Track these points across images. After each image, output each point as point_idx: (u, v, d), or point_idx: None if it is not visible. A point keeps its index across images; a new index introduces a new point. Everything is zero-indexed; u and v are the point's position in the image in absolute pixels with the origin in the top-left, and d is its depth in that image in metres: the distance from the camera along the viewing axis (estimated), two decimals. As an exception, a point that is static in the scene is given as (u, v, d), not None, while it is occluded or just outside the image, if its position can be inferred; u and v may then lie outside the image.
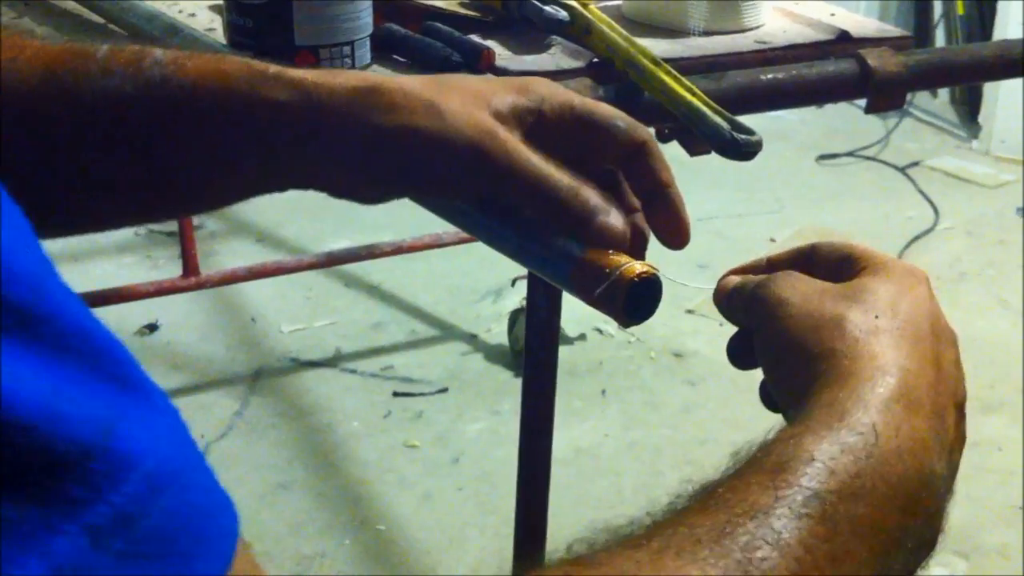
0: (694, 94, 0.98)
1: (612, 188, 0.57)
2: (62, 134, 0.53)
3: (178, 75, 0.52)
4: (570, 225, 0.53)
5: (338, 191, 0.54)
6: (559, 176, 0.52)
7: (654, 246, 0.58)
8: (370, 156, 0.52)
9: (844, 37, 1.20)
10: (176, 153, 0.53)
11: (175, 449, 0.29)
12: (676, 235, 0.56)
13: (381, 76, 0.53)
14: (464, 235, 0.86)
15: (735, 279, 0.58)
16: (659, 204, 0.56)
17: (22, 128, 0.52)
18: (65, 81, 0.52)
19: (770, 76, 1.10)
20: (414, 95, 0.52)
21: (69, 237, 0.58)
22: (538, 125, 0.54)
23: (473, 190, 0.53)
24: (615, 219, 0.53)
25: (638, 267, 0.53)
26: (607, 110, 0.56)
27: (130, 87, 0.52)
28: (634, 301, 0.53)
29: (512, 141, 0.52)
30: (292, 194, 0.56)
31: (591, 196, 0.53)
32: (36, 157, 0.53)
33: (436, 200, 0.59)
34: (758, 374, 0.56)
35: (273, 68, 0.52)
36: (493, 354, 2.53)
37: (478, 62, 1.05)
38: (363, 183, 0.54)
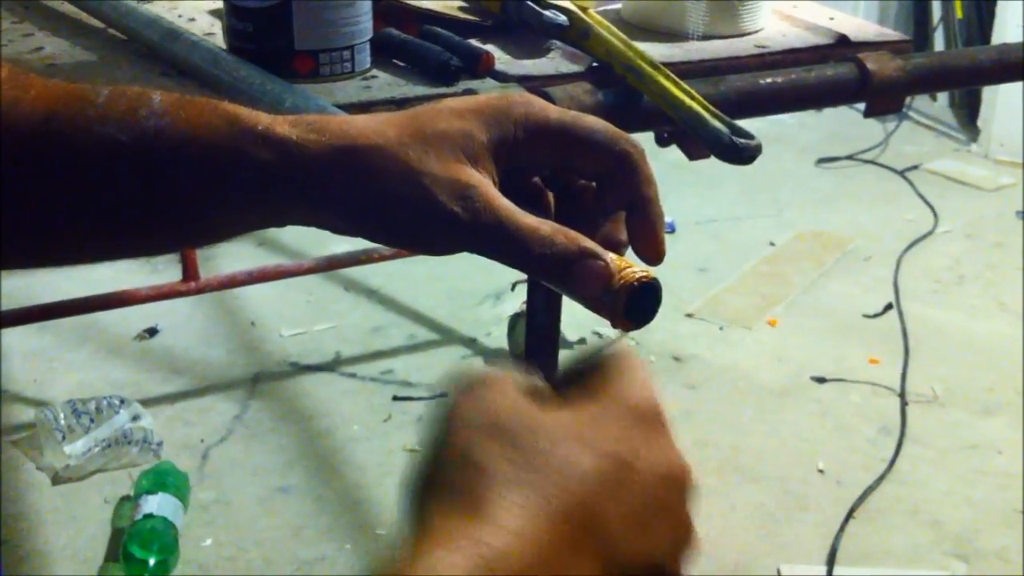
0: (693, 98, 0.98)
1: (591, 204, 0.57)
2: (59, 177, 0.55)
3: (171, 128, 0.53)
4: (551, 276, 0.54)
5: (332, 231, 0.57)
6: (534, 230, 0.53)
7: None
8: (351, 218, 0.54)
9: (843, 41, 1.20)
10: (167, 202, 0.55)
11: None
12: (651, 253, 0.56)
13: (362, 126, 0.54)
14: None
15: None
16: (636, 219, 0.56)
17: (21, 167, 0.54)
18: (64, 126, 0.54)
19: (769, 80, 1.10)
20: (392, 157, 0.53)
21: (72, 265, 0.60)
22: (516, 151, 0.55)
23: (454, 249, 0.55)
24: (592, 263, 0.53)
25: (638, 272, 0.53)
26: (586, 123, 0.55)
27: (125, 137, 0.53)
28: (634, 306, 0.53)
29: (489, 199, 0.53)
30: None
31: (567, 245, 0.53)
32: (33, 195, 0.55)
33: None
34: (760, 377, 0.55)
35: (262, 124, 0.53)
36: (493, 358, 2.53)
37: (477, 66, 1.05)
38: (350, 233, 0.56)
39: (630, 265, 0.54)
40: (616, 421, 0.44)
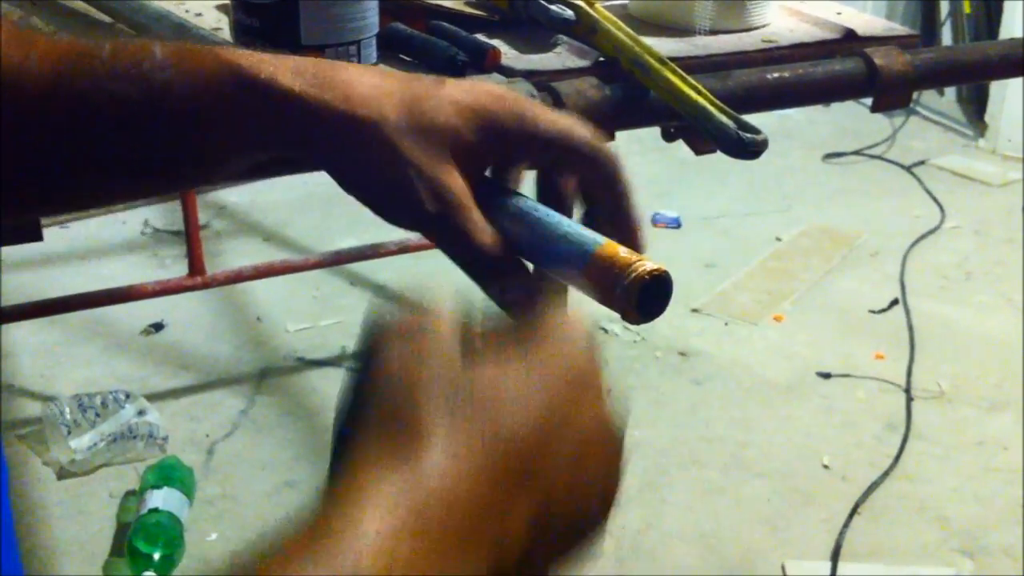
0: (700, 93, 0.98)
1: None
2: (70, 131, 0.56)
3: (178, 81, 0.55)
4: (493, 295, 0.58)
5: None
6: (487, 251, 0.57)
7: (662, 245, 0.58)
8: (333, 172, 0.57)
9: (850, 36, 1.20)
10: (174, 151, 0.58)
11: None
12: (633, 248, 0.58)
13: (365, 93, 0.55)
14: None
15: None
16: (615, 228, 0.58)
17: (30, 124, 0.56)
18: (74, 83, 0.55)
19: (776, 75, 1.10)
20: (386, 139, 0.55)
21: (73, 212, 0.62)
22: (502, 151, 0.58)
23: (413, 231, 0.58)
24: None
25: (650, 265, 0.53)
26: (572, 140, 0.57)
27: (135, 92, 0.55)
28: (645, 299, 0.53)
29: (462, 206, 0.55)
30: (299, 193, 0.59)
31: (510, 287, 0.57)
32: (43, 149, 0.57)
33: None
34: (766, 373, 0.55)
35: (264, 73, 0.55)
36: (499, 353, 2.52)
37: (484, 61, 1.05)
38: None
39: (641, 258, 0.54)
40: (548, 382, 0.45)
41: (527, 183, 0.61)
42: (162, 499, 1.89)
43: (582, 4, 1.04)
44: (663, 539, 1.99)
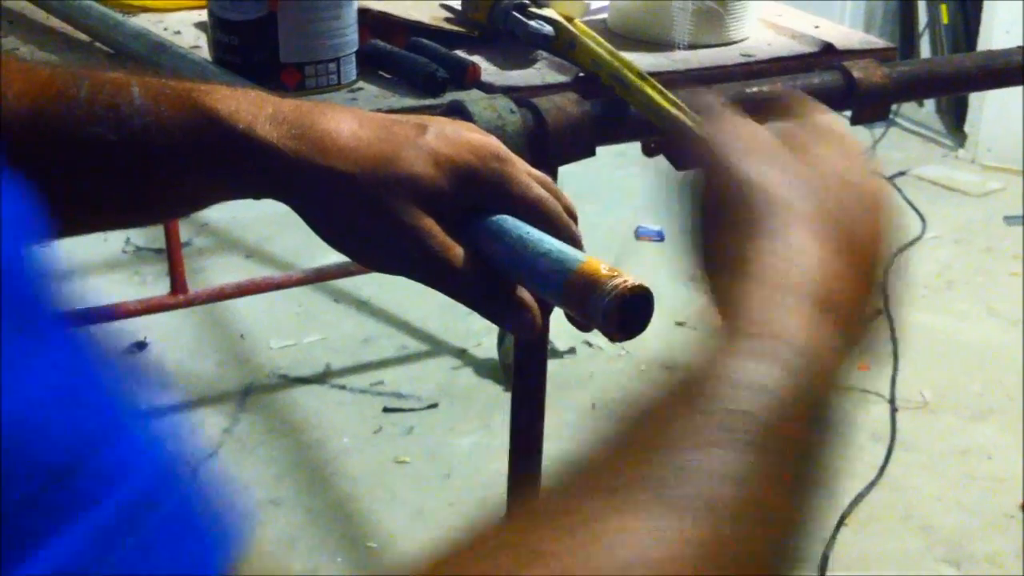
0: (679, 108, 0.98)
1: None
2: (45, 169, 0.57)
3: (156, 126, 0.56)
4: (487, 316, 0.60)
5: None
6: (470, 284, 0.58)
7: (646, 258, 0.58)
8: (311, 223, 0.58)
9: (828, 49, 1.20)
10: (154, 191, 0.59)
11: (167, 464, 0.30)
12: None
13: (343, 144, 0.56)
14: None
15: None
16: None
17: (8, 160, 0.55)
18: (52, 124, 0.56)
19: (755, 89, 1.10)
20: (362, 190, 0.56)
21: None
22: (474, 201, 0.59)
23: (398, 274, 0.60)
24: (526, 316, 0.59)
25: (631, 282, 0.53)
26: (545, 213, 0.59)
27: (113, 135, 0.56)
28: (627, 315, 0.53)
29: (436, 252, 0.57)
30: (281, 209, 0.60)
31: (496, 300, 0.59)
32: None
33: None
34: None
35: (242, 123, 0.55)
36: (483, 368, 2.52)
37: (463, 77, 1.05)
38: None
39: (622, 274, 0.54)
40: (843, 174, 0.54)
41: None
42: (146, 519, 1.88)
43: (561, 20, 1.05)
44: (649, 552, 1.98)
